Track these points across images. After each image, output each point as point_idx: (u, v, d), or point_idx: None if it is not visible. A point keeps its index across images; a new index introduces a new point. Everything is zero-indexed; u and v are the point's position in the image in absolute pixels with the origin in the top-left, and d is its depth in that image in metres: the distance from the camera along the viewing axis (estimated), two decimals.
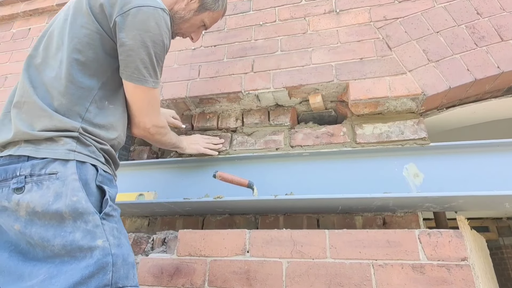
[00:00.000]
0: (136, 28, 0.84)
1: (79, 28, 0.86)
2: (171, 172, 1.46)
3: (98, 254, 0.69)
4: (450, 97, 1.25)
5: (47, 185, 0.73)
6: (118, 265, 0.72)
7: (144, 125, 0.99)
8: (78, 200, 0.72)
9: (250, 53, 1.48)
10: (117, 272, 0.71)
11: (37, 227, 0.70)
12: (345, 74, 1.29)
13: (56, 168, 0.74)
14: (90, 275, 0.67)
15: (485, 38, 1.23)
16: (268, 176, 1.33)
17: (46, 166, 0.74)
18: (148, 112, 0.98)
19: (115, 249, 0.73)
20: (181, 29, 1.11)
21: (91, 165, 0.79)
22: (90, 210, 0.73)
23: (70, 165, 0.75)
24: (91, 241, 0.70)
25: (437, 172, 1.17)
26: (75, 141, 0.79)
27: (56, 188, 0.72)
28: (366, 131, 1.28)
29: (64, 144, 0.77)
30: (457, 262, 0.91)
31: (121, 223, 0.82)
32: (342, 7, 1.47)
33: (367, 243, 0.97)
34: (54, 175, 0.73)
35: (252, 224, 1.34)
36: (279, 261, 1.01)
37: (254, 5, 1.62)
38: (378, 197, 1.04)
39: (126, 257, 0.75)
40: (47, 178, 0.73)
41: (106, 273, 0.69)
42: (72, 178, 0.74)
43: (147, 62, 0.88)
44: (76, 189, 0.73)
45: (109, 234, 0.74)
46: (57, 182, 0.73)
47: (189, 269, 1.07)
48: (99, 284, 0.67)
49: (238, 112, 1.49)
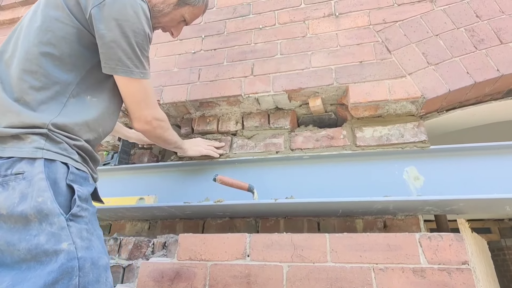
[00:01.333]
0: (114, 18, 0.81)
1: (54, 22, 0.82)
2: (171, 176, 1.47)
3: (62, 258, 0.66)
4: (450, 100, 1.25)
5: (13, 186, 0.69)
6: (85, 269, 0.68)
7: (145, 118, 0.97)
8: (44, 201, 0.68)
9: (250, 57, 1.48)
10: (85, 277, 0.67)
11: (3, 231, 0.67)
12: (345, 77, 1.29)
13: (23, 167, 0.70)
14: (54, 281, 0.63)
15: (485, 41, 1.23)
16: (268, 179, 1.33)
17: (12, 165, 0.70)
18: (146, 105, 0.96)
19: (82, 252, 0.69)
20: (160, 23, 1.08)
21: (61, 163, 0.75)
22: (55, 212, 0.69)
23: (37, 164, 0.71)
24: (56, 244, 0.66)
25: (437, 175, 1.17)
26: (43, 138, 0.75)
27: (22, 188, 0.69)
28: (366, 134, 1.28)
29: (32, 141, 0.74)
30: (457, 265, 0.90)
31: (95, 223, 0.78)
32: (341, 11, 1.48)
33: (367, 247, 0.97)
34: (20, 175, 0.70)
35: (252, 228, 1.34)
36: (279, 265, 1.01)
37: (253, 8, 1.63)
38: (378, 201, 1.04)
39: (96, 260, 0.71)
40: (13, 179, 0.70)
41: (72, 278, 0.65)
42: (39, 178, 0.70)
43: (129, 53, 0.85)
44: (42, 189, 0.69)
45: (76, 236, 0.70)
46: (23, 183, 0.69)
47: (189, 273, 1.07)
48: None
49: (238, 115, 1.49)
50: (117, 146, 1.61)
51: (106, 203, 1.35)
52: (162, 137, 1.09)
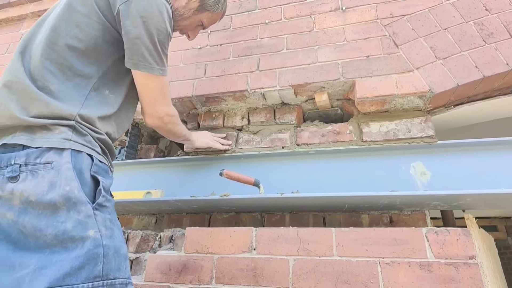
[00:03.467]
0: (140, 15, 0.85)
1: (81, 17, 0.85)
2: (178, 171, 1.48)
3: (89, 244, 0.68)
4: (458, 95, 1.24)
5: (42, 175, 0.72)
6: (109, 257, 0.70)
7: (158, 114, 1.00)
8: (71, 190, 0.71)
9: (256, 52, 1.48)
10: (108, 264, 0.70)
11: (31, 216, 0.69)
12: (352, 72, 1.29)
13: (51, 157, 0.73)
14: (80, 266, 0.66)
15: (494, 35, 1.21)
16: (274, 174, 1.33)
17: (41, 155, 0.73)
18: (160, 101, 0.99)
19: (106, 240, 0.71)
20: (179, 26, 1.12)
21: (86, 154, 0.78)
22: (83, 200, 0.71)
23: (65, 154, 0.74)
24: (83, 231, 0.69)
25: (444, 170, 1.16)
26: (71, 130, 0.78)
27: (50, 177, 0.71)
28: (372, 129, 1.27)
29: (60, 132, 0.76)
30: (465, 260, 0.90)
31: (115, 214, 0.81)
32: (348, 5, 1.46)
33: (374, 241, 0.97)
34: (49, 164, 0.72)
35: (258, 222, 1.35)
36: (285, 259, 1.02)
37: (259, 3, 1.62)
38: (385, 195, 1.04)
39: (118, 249, 0.74)
40: (42, 168, 0.72)
41: (97, 264, 0.68)
42: (66, 167, 0.73)
43: (152, 50, 0.88)
44: (69, 178, 0.72)
45: (101, 225, 0.72)
46: (51, 172, 0.72)
47: (196, 266, 1.08)
48: (90, 275, 0.66)
49: (244, 111, 1.50)
50: (124, 141, 1.62)
51: (114, 197, 1.37)
52: (172, 131, 1.12)
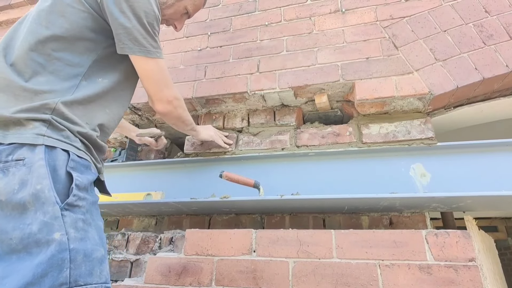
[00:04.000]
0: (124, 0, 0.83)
1: (65, 7, 0.83)
2: (178, 172, 1.48)
3: (53, 249, 0.63)
4: (458, 97, 1.24)
5: (13, 172, 0.68)
6: (77, 261, 0.65)
7: (167, 98, 0.98)
8: (41, 189, 0.67)
9: (256, 54, 1.48)
10: (76, 269, 0.65)
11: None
12: (351, 73, 1.29)
13: (23, 154, 0.69)
14: (43, 274, 0.61)
15: (494, 37, 1.22)
16: (274, 176, 1.33)
17: (13, 152, 0.69)
18: (165, 85, 0.97)
19: (75, 243, 0.67)
20: (165, 15, 1.09)
21: (62, 150, 0.74)
22: (51, 200, 0.67)
23: (38, 151, 0.70)
24: (48, 234, 0.64)
25: (444, 172, 1.16)
26: (45, 124, 0.74)
27: (21, 175, 0.67)
28: (372, 131, 1.27)
29: (33, 128, 0.73)
30: (464, 262, 0.90)
31: (94, 213, 0.76)
32: (347, 7, 1.47)
33: (373, 243, 0.97)
34: (20, 161, 0.69)
35: (258, 224, 1.35)
36: (285, 261, 1.02)
37: (259, 5, 1.63)
38: (384, 197, 1.04)
39: (90, 253, 0.69)
40: (13, 165, 0.68)
41: (62, 270, 0.63)
42: (39, 164, 0.69)
43: (144, 33, 0.86)
44: (41, 176, 0.68)
45: (70, 227, 0.67)
46: (23, 169, 0.68)
47: (196, 268, 1.08)
48: (54, 283, 0.62)
49: (244, 112, 1.50)
50: (124, 142, 1.63)
51: (114, 198, 1.37)
52: (182, 117, 1.09)
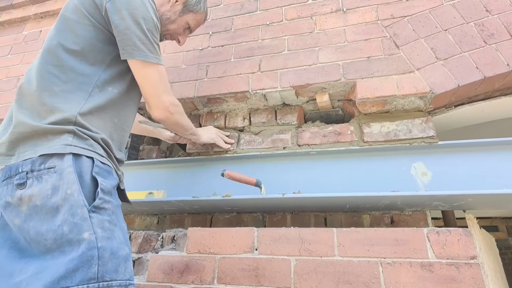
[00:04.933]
0: (125, 8, 0.90)
1: (74, 24, 0.92)
2: (180, 171, 1.48)
3: (83, 247, 0.69)
4: (459, 95, 1.24)
5: (46, 179, 0.75)
6: (105, 259, 0.71)
7: (163, 104, 1.01)
8: (71, 193, 0.73)
9: (257, 53, 1.49)
10: (103, 266, 0.70)
11: (35, 222, 0.72)
12: (352, 73, 1.29)
13: (54, 162, 0.77)
14: (75, 269, 0.67)
15: (495, 36, 1.22)
16: (275, 174, 1.34)
17: (44, 161, 0.77)
18: (163, 91, 1.00)
19: (102, 242, 0.72)
20: (168, 30, 1.16)
21: (86, 157, 0.81)
22: (80, 203, 0.73)
23: (66, 159, 0.77)
24: (78, 234, 0.71)
25: (445, 171, 1.16)
26: (71, 135, 0.81)
27: (53, 181, 0.74)
28: (373, 129, 1.28)
29: (60, 140, 0.80)
30: (466, 260, 0.91)
31: (119, 215, 0.82)
32: (349, 6, 1.47)
33: (375, 241, 0.98)
34: (52, 169, 0.76)
35: (259, 222, 1.35)
36: (287, 259, 1.02)
37: (260, 5, 1.63)
38: (386, 196, 1.04)
39: (116, 251, 0.74)
40: (45, 172, 0.76)
41: (91, 266, 0.69)
42: (68, 171, 0.76)
43: (143, 38, 0.92)
44: (71, 182, 0.75)
45: (97, 227, 0.73)
46: (54, 176, 0.75)
47: (198, 266, 1.08)
48: (84, 277, 0.67)
49: (245, 112, 1.50)
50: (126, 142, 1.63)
51: None
52: (179, 122, 1.12)
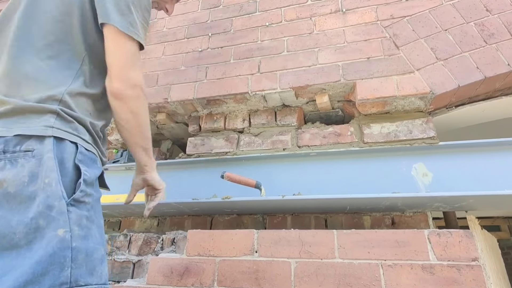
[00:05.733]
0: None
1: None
2: (179, 173, 1.48)
3: (55, 246, 0.61)
4: (459, 96, 1.23)
5: (22, 163, 0.64)
6: (79, 260, 0.63)
7: (129, 79, 0.80)
8: (49, 182, 0.64)
9: (257, 54, 1.48)
10: (77, 268, 0.62)
11: (4, 211, 0.62)
12: (352, 73, 1.29)
13: (32, 145, 0.66)
14: (44, 272, 0.58)
15: (495, 36, 1.21)
16: (275, 176, 1.33)
17: (20, 142, 0.66)
18: (133, 66, 0.81)
19: (78, 241, 0.64)
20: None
21: (70, 142, 0.71)
22: (58, 194, 0.64)
23: (47, 142, 0.67)
24: (53, 229, 0.62)
25: (446, 172, 1.16)
26: (53, 116, 0.70)
27: (31, 167, 0.64)
28: (373, 130, 1.27)
29: (41, 120, 0.69)
30: (467, 262, 0.90)
31: (98, 210, 0.73)
32: (348, 7, 1.47)
33: (376, 243, 0.97)
34: (29, 152, 0.66)
35: (259, 224, 1.35)
36: (287, 261, 1.02)
37: (260, 6, 1.63)
38: (387, 197, 1.04)
39: (91, 252, 0.66)
40: (21, 156, 0.65)
41: (63, 269, 0.60)
42: (48, 157, 0.66)
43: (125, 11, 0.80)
44: (50, 169, 0.65)
45: (74, 224, 0.65)
46: (32, 161, 0.65)
47: (198, 269, 1.08)
48: (55, 282, 0.59)
49: (245, 113, 1.50)
50: None
51: (116, 200, 1.37)
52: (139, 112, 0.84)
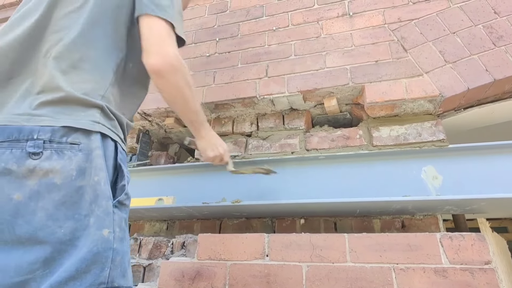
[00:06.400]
0: None
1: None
2: (189, 176, 1.49)
3: (100, 246, 0.61)
4: (469, 98, 1.23)
5: (69, 156, 0.63)
6: (116, 262, 0.64)
7: (168, 53, 0.76)
8: (98, 181, 0.64)
9: (264, 58, 1.49)
10: (114, 270, 0.63)
11: (45, 202, 0.59)
12: (360, 77, 1.29)
13: (79, 138, 0.64)
14: (87, 270, 0.59)
15: (504, 38, 1.21)
16: (284, 179, 1.34)
17: (67, 134, 0.64)
18: (170, 43, 0.77)
19: (118, 243, 0.65)
20: None
21: (111, 140, 0.70)
22: (106, 195, 0.64)
23: (94, 138, 0.66)
24: (98, 228, 0.62)
25: (456, 174, 1.15)
26: (99, 111, 0.69)
27: (79, 161, 0.63)
28: (382, 133, 1.27)
29: (87, 114, 0.67)
30: (480, 265, 0.90)
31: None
32: (355, 10, 1.47)
33: (387, 247, 0.97)
34: (76, 145, 0.64)
35: (268, 228, 1.35)
36: (298, 265, 1.02)
37: (267, 10, 1.64)
38: (397, 201, 1.04)
39: (125, 254, 0.67)
40: (68, 148, 0.63)
41: (104, 269, 0.61)
42: (97, 154, 0.65)
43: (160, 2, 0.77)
44: (99, 168, 0.64)
45: (117, 225, 0.65)
46: (80, 155, 0.63)
47: (209, 273, 1.09)
48: (95, 281, 0.59)
49: (253, 117, 1.51)
50: (135, 148, 1.65)
51: None
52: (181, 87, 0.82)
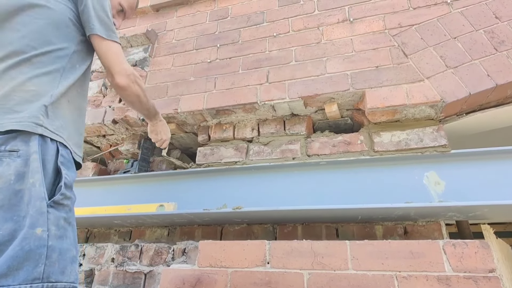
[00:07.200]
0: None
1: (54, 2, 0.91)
2: (190, 182, 1.49)
3: (31, 243, 0.64)
4: (470, 103, 1.23)
5: (8, 162, 0.68)
6: (52, 259, 0.67)
7: (126, 71, 0.98)
8: (33, 183, 0.68)
9: (265, 64, 1.50)
10: (50, 266, 0.66)
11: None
12: (361, 82, 1.29)
13: (17, 145, 0.70)
14: (18, 267, 0.62)
15: (505, 43, 1.21)
16: (285, 185, 1.33)
17: (6, 142, 0.70)
18: (124, 60, 0.99)
19: (54, 240, 0.68)
20: None
21: (52, 142, 0.75)
22: (40, 195, 0.69)
23: (32, 143, 0.71)
24: (31, 227, 0.65)
25: (459, 180, 1.14)
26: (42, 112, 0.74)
27: (17, 166, 0.68)
28: (384, 139, 1.27)
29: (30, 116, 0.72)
30: (484, 274, 0.88)
31: (74, 212, 0.78)
32: (355, 16, 1.48)
33: (389, 254, 0.96)
34: (15, 152, 0.69)
35: (270, 234, 1.34)
36: (300, 273, 1.01)
37: (267, 16, 1.65)
38: (400, 207, 1.03)
39: (65, 251, 0.70)
40: (7, 155, 0.69)
41: (37, 265, 0.64)
42: (33, 158, 0.70)
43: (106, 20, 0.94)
44: (35, 171, 0.69)
45: (52, 224, 0.69)
46: (18, 161, 0.69)
47: (210, 280, 1.08)
48: (28, 276, 0.63)
49: (254, 122, 1.51)
50: (136, 154, 1.65)
51: (127, 210, 1.39)
52: (139, 93, 1.06)
